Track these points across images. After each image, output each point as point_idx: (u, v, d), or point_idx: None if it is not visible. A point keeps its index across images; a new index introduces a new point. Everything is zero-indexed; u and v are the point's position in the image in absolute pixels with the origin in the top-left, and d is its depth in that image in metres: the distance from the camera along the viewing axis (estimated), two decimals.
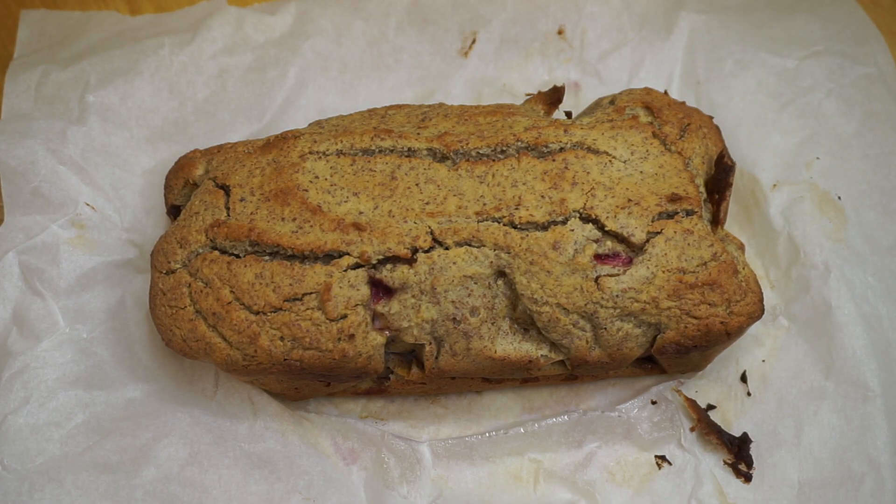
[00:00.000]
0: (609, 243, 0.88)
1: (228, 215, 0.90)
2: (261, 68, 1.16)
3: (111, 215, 1.05)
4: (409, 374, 0.94)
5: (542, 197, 0.88)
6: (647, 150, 0.93)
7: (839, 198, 1.06)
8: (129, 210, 1.07)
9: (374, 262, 0.86)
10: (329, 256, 0.87)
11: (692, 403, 0.98)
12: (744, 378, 1.00)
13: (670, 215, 0.89)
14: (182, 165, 0.97)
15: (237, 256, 0.88)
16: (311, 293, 0.86)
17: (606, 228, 0.87)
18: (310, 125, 1.00)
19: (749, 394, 0.99)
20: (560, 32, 1.20)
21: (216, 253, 0.89)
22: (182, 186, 0.97)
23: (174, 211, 0.99)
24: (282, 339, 0.86)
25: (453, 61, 1.19)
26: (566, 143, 0.92)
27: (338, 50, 1.18)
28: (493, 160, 0.91)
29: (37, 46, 1.15)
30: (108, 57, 1.13)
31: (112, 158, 1.08)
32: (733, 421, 0.98)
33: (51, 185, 1.03)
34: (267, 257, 0.88)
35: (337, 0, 1.20)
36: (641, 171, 0.91)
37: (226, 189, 0.92)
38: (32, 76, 1.11)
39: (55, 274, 1.00)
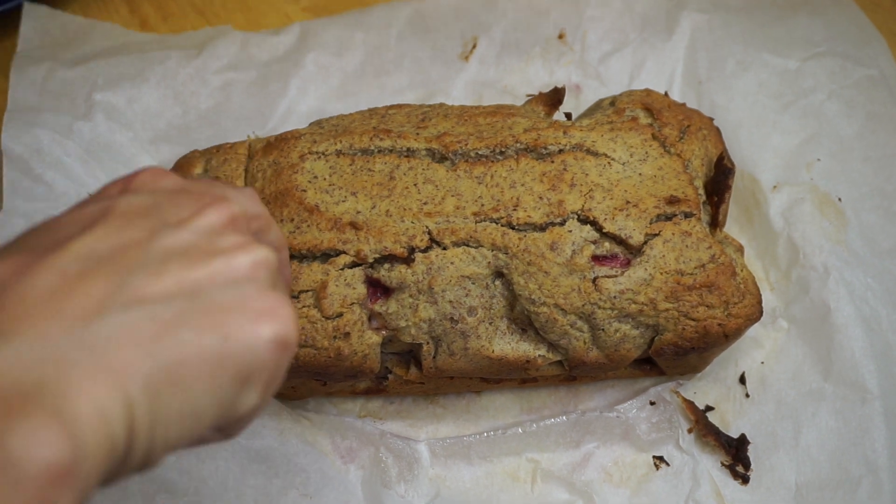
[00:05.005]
0: (607, 245, 0.88)
1: None
2: (264, 83, 1.17)
3: None
4: (408, 373, 0.94)
5: (541, 198, 0.88)
6: (647, 152, 0.92)
7: (839, 199, 1.05)
8: None
9: (370, 260, 0.86)
10: (326, 255, 0.87)
11: (690, 405, 0.98)
12: (742, 380, 1.00)
13: (668, 217, 0.89)
14: (181, 165, 0.98)
15: None
16: (308, 291, 0.86)
17: (604, 230, 0.87)
18: (310, 125, 1.00)
19: (748, 395, 0.99)
20: (561, 37, 1.20)
21: None
22: None
23: None
24: None
25: (454, 65, 1.19)
26: (565, 145, 0.92)
27: (339, 61, 1.18)
28: (492, 161, 0.91)
29: (40, 43, 1.16)
30: (115, 62, 1.14)
31: (115, 155, 1.09)
32: (731, 422, 0.98)
33: (54, 174, 1.04)
34: None
35: (340, 16, 1.21)
36: (640, 174, 0.91)
37: None
38: (38, 71, 1.11)
39: None
